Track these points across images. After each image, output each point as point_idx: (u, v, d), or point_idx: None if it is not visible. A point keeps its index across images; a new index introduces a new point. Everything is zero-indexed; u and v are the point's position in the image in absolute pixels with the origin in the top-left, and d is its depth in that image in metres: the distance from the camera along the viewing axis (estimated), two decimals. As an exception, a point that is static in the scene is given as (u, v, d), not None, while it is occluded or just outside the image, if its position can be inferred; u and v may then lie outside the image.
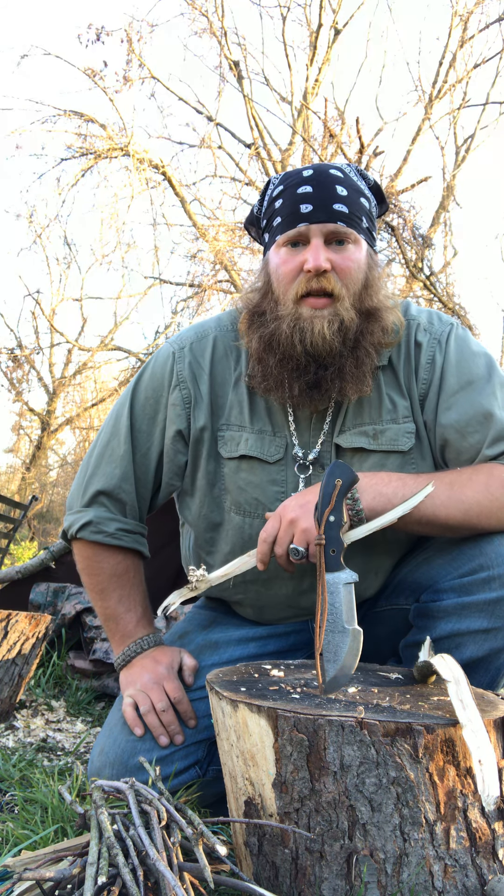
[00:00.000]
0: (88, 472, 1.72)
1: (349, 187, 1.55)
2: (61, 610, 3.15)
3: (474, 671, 1.48)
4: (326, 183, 1.52)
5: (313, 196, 1.51)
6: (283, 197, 1.55)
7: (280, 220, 1.54)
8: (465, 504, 1.46)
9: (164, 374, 1.69)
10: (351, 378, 1.55)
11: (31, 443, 19.36)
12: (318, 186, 1.52)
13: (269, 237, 1.59)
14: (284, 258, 1.54)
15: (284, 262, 1.54)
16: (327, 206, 1.50)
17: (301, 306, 1.52)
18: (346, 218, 1.51)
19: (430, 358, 1.62)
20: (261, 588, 1.69)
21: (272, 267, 1.57)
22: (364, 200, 1.57)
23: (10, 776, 1.78)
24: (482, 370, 1.60)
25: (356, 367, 1.55)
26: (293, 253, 1.53)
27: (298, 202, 1.51)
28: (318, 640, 1.25)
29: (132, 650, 1.67)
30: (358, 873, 1.07)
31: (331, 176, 1.54)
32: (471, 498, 1.47)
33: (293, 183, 1.55)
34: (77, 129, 12.57)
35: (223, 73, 13.17)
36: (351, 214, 1.52)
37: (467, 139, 13.02)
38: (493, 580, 1.45)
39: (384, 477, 1.49)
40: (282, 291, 1.54)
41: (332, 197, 1.51)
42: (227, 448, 1.64)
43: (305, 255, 1.51)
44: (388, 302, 1.62)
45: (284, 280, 1.53)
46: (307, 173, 1.55)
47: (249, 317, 1.62)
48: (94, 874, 0.94)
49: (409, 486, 1.47)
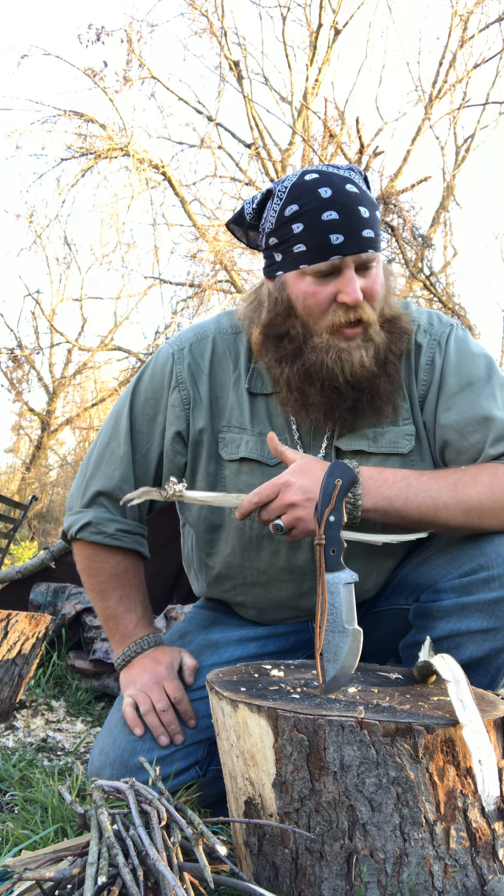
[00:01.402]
0: (88, 473, 1.72)
1: (368, 204, 1.50)
2: (61, 610, 3.15)
3: (474, 671, 1.48)
4: (351, 207, 1.47)
5: (342, 225, 1.46)
6: (303, 222, 1.48)
7: (305, 248, 1.48)
8: (469, 504, 1.46)
9: (164, 375, 1.68)
10: (385, 395, 1.56)
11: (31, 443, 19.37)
12: (343, 212, 1.46)
13: (285, 258, 1.53)
14: (313, 289, 1.50)
15: (314, 293, 1.50)
16: (357, 236, 1.46)
17: (337, 337, 1.51)
18: (373, 243, 1.49)
19: (429, 359, 1.62)
20: (261, 590, 1.69)
21: (296, 293, 1.52)
22: (377, 212, 1.54)
23: (10, 776, 1.78)
24: (482, 371, 1.59)
25: (389, 384, 1.56)
26: (322, 283, 1.49)
27: (327, 232, 1.46)
28: (319, 640, 1.25)
29: (132, 650, 1.67)
30: (358, 873, 1.07)
31: (352, 197, 1.48)
32: (474, 498, 1.47)
33: (314, 206, 1.47)
34: (77, 129, 12.56)
35: (223, 73, 13.17)
36: (376, 237, 1.49)
37: (467, 139, 13.02)
38: (492, 580, 1.45)
39: (389, 477, 1.49)
40: (312, 321, 1.52)
41: (359, 223, 1.47)
42: (227, 450, 1.64)
43: (338, 287, 1.48)
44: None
45: (316, 310, 1.51)
46: (326, 194, 1.47)
47: (267, 339, 1.59)
48: (94, 874, 0.94)
49: (413, 486, 1.47)
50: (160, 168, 12.69)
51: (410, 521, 1.48)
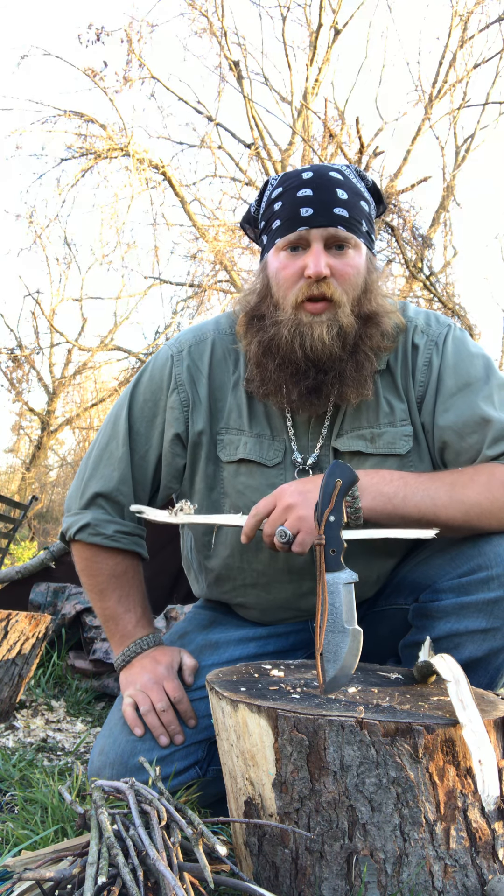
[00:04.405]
0: (86, 474, 1.72)
1: (349, 190, 1.53)
2: (61, 610, 3.15)
3: (473, 671, 1.48)
4: (327, 186, 1.51)
5: (313, 199, 1.49)
6: (282, 199, 1.53)
7: (279, 223, 1.53)
8: (466, 505, 1.47)
9: (163, 377, 1.69)
10: (352, 382, 1.55)
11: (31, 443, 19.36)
12: (318, 189, 1.50)
13: (268, 239, 1.58)
14: (284, 263, 1.53)
15: (284, 266, 1.52)
16: (328, 210, 1.49)
17: (300, 311, 1.51)
18: (346, 222, 1.50)
19: (426, 360, 1.62)
20: (260, 591, 1.69)
21: (271, 270, 1.56)
22: (364, 204, 1.56)
23: (10, 776, 1.78)
24: (480, 371, 1.59)
25: (356, 370, 1.55)
26: (293, 257, 1.52)
27: (298, 205, 1.50)
28: (319, 640, 1.25)
29: (132, 650, 1.67)
30: (358, 873, 1.07)
31: (331, 179, 1.52)
32: (472, 499, 1.47)
33: (292, 185, 1.53)
34: (77, 129, 12.56)
35: (223, 73, 13.17)
36: (351, 219, 1.51)
37: (467, 139, 13.02)
38: (491, 580, 1.45)
39: (386, 475, 1.49)
40: (281, 296, 1.54)
41: (332, 201, 1.50)
42: (226, 452, 1.64)
43: (306, 259, 1.50)
44: (388, 304, 1.62)
45: (284, 285, 1.53)
46: (307, 175, 1.53)
47: (248, 320, 1.61)
48: (94, 874, 0.94)
49: (411, 485, 1.47)
50: (160, 168, 12.69)
51: (410, 520, 1.48)
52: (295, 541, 1.44)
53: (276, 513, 1.45)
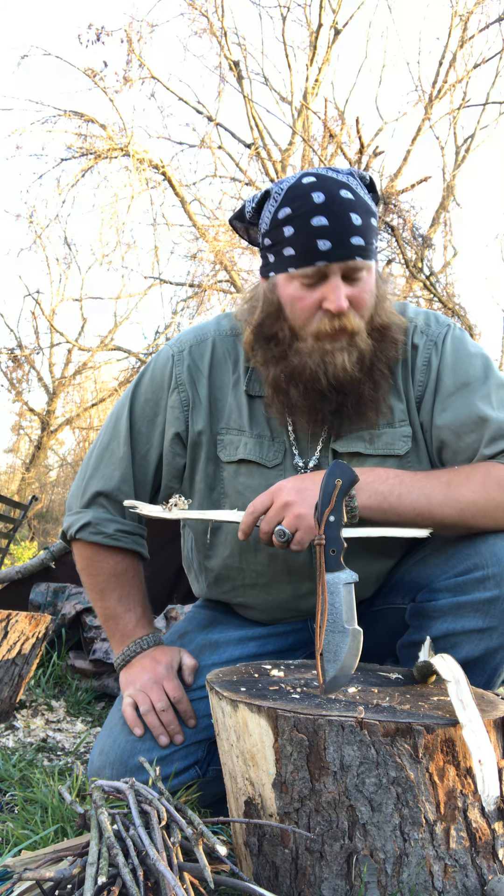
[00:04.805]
0: (88, 474, 1.72)
1: (362, 210, 1.48)
2: (61, 610, 3.15)
3: (471, 671, 1.47)
4: (341, 213, 1.45)
5: (330, 230, 1.44)
6: (293, 225, 1.47)
7: (293, 252, 1.48)
8: (462, 503, 1.47)
9: (164, 377, 1.69)
10: (370, 402, 1.57)
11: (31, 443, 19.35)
12: (333, 218, 1.45)
13: (276, 260, 1.53)
14: (300, 294, 1.50)
15: (301, 297, 1.50)
16: (345, 242, 1.45)
17: (322, 342, 1.51)
18: (362, 251, 1.47)
19: (426, 360, 1.62)
20: (260, 591, 1.69)
21: (284, 296, 1.53)
22: (373, 219, 1.52)
23: (10, 776, 1.78)
24: (478, 371, 1.59)
25: (374, 390, 1.56)
26: (309, 288, 1.49)
27: (314, 237, 1.45)
28: (319, 640, 1.25)
29: (132, 650, 1.67)
30: (358, 873, 1.07)
31: (343, 202, 1.46)
32: (467, 497, 1.47)
33: (304, 211, 1.46)
34: (77, 129, 12.56)
35: (223, 73, 13.16)
36: (366, 245, 1.48)
37: (467, 139, 13.01)
38: (487, 579, 1.46)
39: (382, 473, 1.50)
40: (298, 324, 1.52)
41: (348, 230, 1.45)
42: (226, 452, 1.64)
43: (324, 292, 1.48)
44: (392, 304, 1.62)
45: (301, 315, 1.51)
46: (318, 198, 1.45)
47: (257, 338, 1.60)
48: (94, 874, 0.94)
49: (407, 483, 1.48)
50: (160, 168, 12.69)
51: (406, 518, 1.48)
52: (293, 539, 1.44)
53: (273, 510, 1.45)
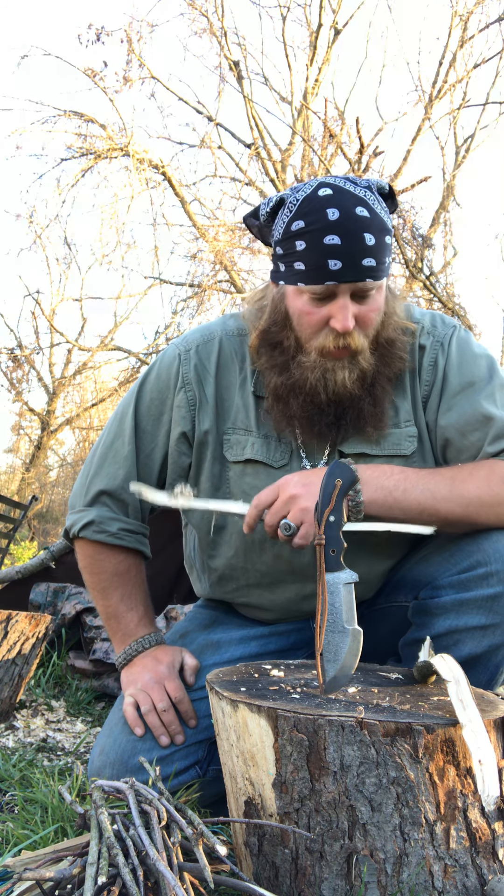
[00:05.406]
0: (91, 472, 1.72)
1: (375, 228, 1.46)
2: (61, 610, 3.15)
3: (473, 668, 1.48)
4: (355, 232, 1.43)
5: (342, 250, 1.43)
6: (305, 240, 1.46)
7: (304, 267, 1.47)
8: (466, 499, 1.48)
9: (170, 376, 1.68)
10: (369, 417, 1.58)
11: (31, 443, 19.35)
12: (346, 237, 1.43)
13: (287, 271, 1.52)
14: (308, 308, 1.50)
15: (308, 312, 1.50)
16: (356, 264, 1.44)
17: (325, 358, 1.52)
18: (374, 272, 1.46)
19: (432, 360, 1.63)
20: (264, 591, 1.69)
21: (293, 308, 1.53)
22: (388, 237, 1.50)
23: (10, 776, 1.78)
24: (483, 371, 1.60)
25: (374, 405, 1.57)
26: (318, 304, 1.49)
27: (326, 255, 1.44)
28: (319, 640, 1.25)
29: (133, 649, 1.67)
30: (358, 873, 1.07)
31: (359, 221, 1.44)
32: (471, 493, 1.48)
33: (317, 227, 1.44)
34: (77, 129, 12.56)
35: (223, 73, 13.16)
36: (378, 265, 1.47)
37: (467, 139, 13.01)
38: (490, 576, 1.46)
39: (387, 469, 1.51)
40: (304, 337, 1.53)
41: (361, 251, 1.44)
42: (232, 452, 1.64)
43: (332, 310, 1.48)
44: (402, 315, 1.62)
45: (308, 329, 1.52)
46: (332, 215, 1.43)
47: (263, 344, 1.60)
48: (94, 874, 0.94)
49: (412, 479, 1.49)
50: (160, 168, 12.69)
51: (410, 513, 1.49)
52: (298, 533, 1.45)
53: (279, 504, 1.46)
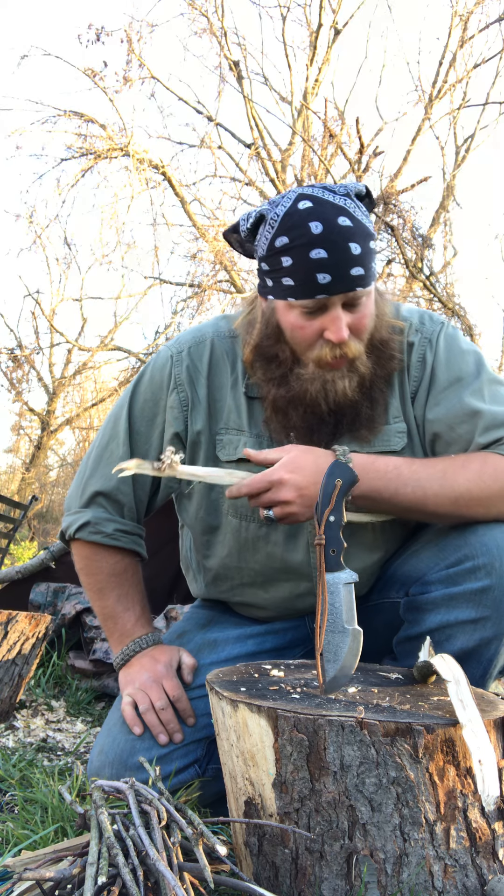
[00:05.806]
0: (87, 473, 1.73)
1: (360, 236, 1.46)
2: (61, 610, 3.15)
3: (466, 663, 1.47)
4: (340, 243, 1.43)
5: (329, 264, 1.43)
6: (291, 256, 1.46)
7: (293, 283, 1.47)
8: (457, 492, 1.49)
9: (163, 377, 1.69)
10: (366, 420, 1.59)
11: (31, 443, 19.35)
12: (332, 250, 1.43)
13: (275, 287, 1.52)
14: (300, 322, 1.50)
15: (301, 326, 1.51)
16: (345, 275, 1.45)
17: (324, 370, 1.53)
18: (362, 281, 1.47)
19: (420, 356, 1.64)
20: (258, 590, 1.70)
21: (285, 322, 1.53)
22: (372, 242, 1.50)
23: (10, 776, 1.78)
24: (471, 367, 1.62)
25: (371, 408, 1.59)
26: (310, 318, 1.50)
27: (314, 270, 1.44)
28: (319, 640, 1.25)
29: (131, 649, 1.67)
30: (358, 873, 1.07)
31: (343, 232, 1.44)
32: (462, 486, 1.49)
33: (302, 242, 1.44)
34: (77, 129, 12.55)
35: (223, 73, 13.15)
36: (366, 273, 1.47)
37: (467, 139, 13.00)
38: (478, 569, 1.47)
39: (381, 467, 1.53)
40: (300, 350, 1.54)
41: (348, 261, 1.44)
42: (225, 451, 1.64)
43: (324, 323, 1.48)
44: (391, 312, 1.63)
45: (302, 343, 1.52)
46: (316, 229, 1.43)
47: (258, 358, 1.61)
48: (94, 874, 0.94)
49: (404, 477, 1.51)
50: (160, 168, 12.68)
51: (399, 510, 1.54)
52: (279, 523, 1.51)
53: (268, 499, 1.49)
